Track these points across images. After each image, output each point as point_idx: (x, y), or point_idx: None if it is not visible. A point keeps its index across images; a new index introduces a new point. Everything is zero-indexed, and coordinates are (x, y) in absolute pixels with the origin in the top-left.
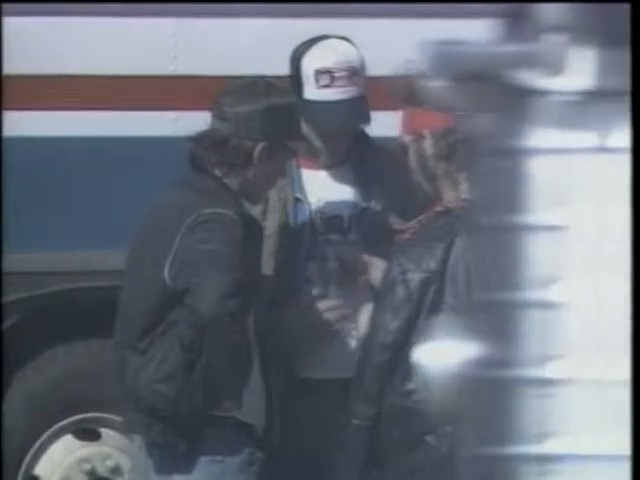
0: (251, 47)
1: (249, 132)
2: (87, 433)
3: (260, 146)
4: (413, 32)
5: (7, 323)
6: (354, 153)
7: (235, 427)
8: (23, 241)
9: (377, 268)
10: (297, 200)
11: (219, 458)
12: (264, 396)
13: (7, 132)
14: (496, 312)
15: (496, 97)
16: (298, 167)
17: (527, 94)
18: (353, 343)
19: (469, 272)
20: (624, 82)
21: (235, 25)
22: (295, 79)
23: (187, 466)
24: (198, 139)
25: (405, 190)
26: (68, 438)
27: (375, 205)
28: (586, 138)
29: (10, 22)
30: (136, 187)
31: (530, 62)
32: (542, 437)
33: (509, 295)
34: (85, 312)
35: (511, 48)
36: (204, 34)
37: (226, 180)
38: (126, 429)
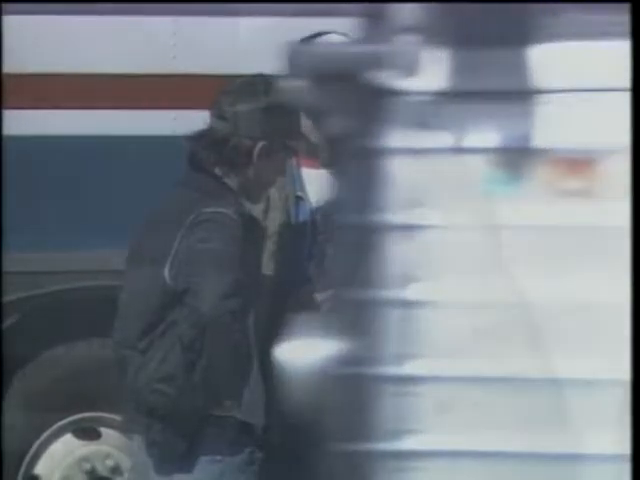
0: (251, 46)
1: (249, 131)
2: (87, 432)
3: (260, 145)
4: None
5: (7, 323)
6: None
7: (235, 427)
8: (23, 241)
9: None
10: (298, 198)
11: (219, 458)
12: (264, 396)
13: (7, 131)
14: (356, 310)
15: (353, 97)
16: (298, 165)
17: (383, 94)
18: None
19: None
20: (478, 83)
21: (234, 24)
22: None
23: (187, 466)
24: (198, 138)
25: None
26: (68, 437)
27: None
28: (441, 138)
29: (10, 21)
30: (136, 186)
31: (385, 63)
32: (399, 434)
33: (369, 293)
34: (85, 312)
35: (367, 48)
36: (203, 33)
37: (226, 179)
38: (126, 429)
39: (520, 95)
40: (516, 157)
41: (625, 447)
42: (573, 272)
